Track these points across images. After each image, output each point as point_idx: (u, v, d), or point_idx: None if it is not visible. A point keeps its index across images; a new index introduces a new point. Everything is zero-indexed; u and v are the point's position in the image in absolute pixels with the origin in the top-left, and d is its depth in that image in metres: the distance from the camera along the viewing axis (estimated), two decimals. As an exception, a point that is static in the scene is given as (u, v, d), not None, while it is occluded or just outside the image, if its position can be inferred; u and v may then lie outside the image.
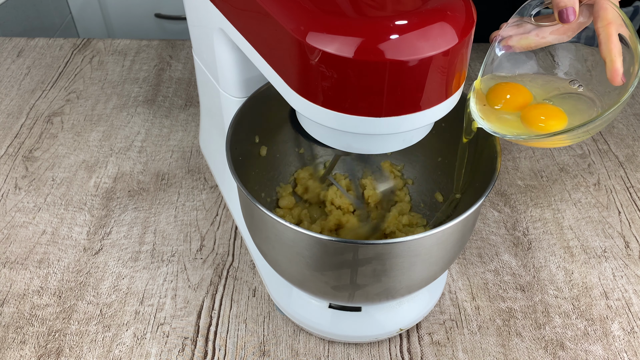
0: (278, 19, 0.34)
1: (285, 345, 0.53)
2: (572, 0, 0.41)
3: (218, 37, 0.49)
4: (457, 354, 0.53)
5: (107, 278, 0.59)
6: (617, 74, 0.39)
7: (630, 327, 0.55)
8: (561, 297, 0.58)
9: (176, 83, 0.89)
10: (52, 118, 0.82)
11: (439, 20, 0.32)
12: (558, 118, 0.41)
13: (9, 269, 0.60)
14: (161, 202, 0.68)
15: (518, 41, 0.44)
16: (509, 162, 0.74)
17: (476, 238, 0.64)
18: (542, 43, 0.43)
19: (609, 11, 0.40)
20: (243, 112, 0.49)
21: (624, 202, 0.68)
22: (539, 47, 0.44)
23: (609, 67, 0.40)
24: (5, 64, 0.94)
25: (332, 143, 0.39)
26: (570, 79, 0.44)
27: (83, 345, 0.53)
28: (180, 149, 0.76)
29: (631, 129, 0.80)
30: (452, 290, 0.58)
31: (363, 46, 0.31)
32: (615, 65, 0.39)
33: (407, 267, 0.41)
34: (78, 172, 0.72)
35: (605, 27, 0.40)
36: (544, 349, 0.53)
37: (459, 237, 0.44)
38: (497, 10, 0.94)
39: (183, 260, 0.61)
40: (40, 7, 1.36)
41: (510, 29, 0.44)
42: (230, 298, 0.57)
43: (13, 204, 0.68)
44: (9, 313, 0.56)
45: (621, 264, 0.61)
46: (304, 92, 0.35)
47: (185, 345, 0.53)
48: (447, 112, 0.36)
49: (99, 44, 0.99)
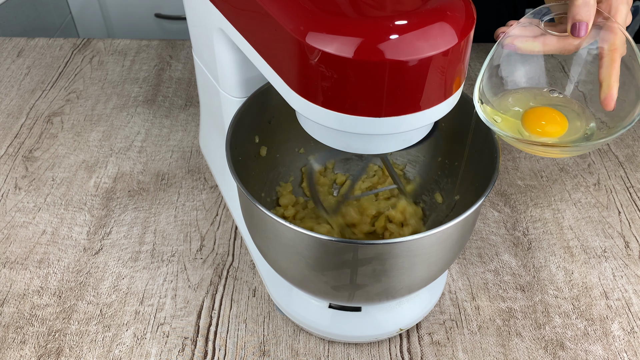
0: (278, 19, 0.34)
1: (285, 345, 0.53)
2: (588, 16, 0.41)
3: (218, 37, 0.49)
4: (457, 354, 0.53)
5: (107, 278, 0.59)
6: (611, 100, 0.40)
7: (630, 327, 0.55)
8: (561, 297, 0.58)
9: (176, 83, 0.89)
10: (52, 118, 0.82)
11: (439, 20, 0.32)
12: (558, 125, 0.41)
13: (9, 269, 0.60)
14: (161, 202, 0.68)
15: (523, 43, 0.43)
16: (509, 162, 0.74)
17: (476, 238, 0.64)
18: (545, 51, 0.44)
19: (617, 36, 0.40)
20: (243, 112, 0.49)
21: (624, 202, 0.68)
22: (541, 54, 0.44)
23: (605, 91, 0.40)
24: (5, 64, 0.94)
25: (332, 143, 0.39)
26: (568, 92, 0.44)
27: (83, 345, 0.53)
28: (180, 149, 0.76)
29: (631, 129, 0.80)
30: (452, 290, 0.58)
31: (363, 46, 0.31)
32: (612, 91, 0.40)
33: (407, 267, 0.41)
34: (78, 172, 0.72)
35: (610, 52, 0.40)
36: (544, 349, 0.53)
37: (459, 237, 0.44)
38: (497, 10, 0.94)
39: (183, 260, 0.61)
40: (40, 7, 1.36)
41: (519, 29, 0.44)
42: (230, 298, 0.57)
43: (13, 204, 0.68)
44: (9, 313, 0.56)
45: (621, 264, 0.61)
46: (303, 92, 0.35)
47: (185, 345, 0.53)
48: (447, 112, 0.36)
49: (99, 44, 0.99)
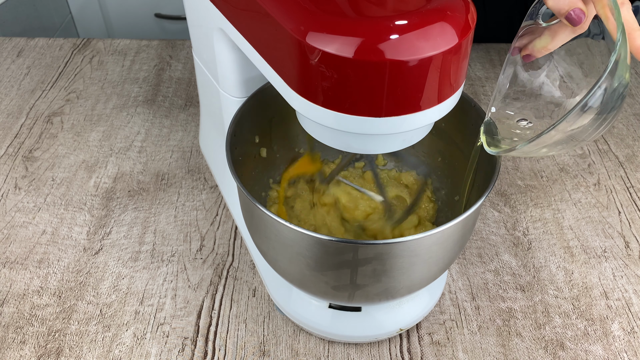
0: (278, 19, 0.34)
1: (285, 345, 0.53)
2: (572, 2, 0.39)
3: (218, 37, 0.49)
4: (457, 354, 0.53)
5: (107, 278, 0.59)
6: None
7: (630, 327, 0.55)
8: (561, 297, 0.58)
9: (176, 83, 0.89)
10: (52, 118, 0.82)
11: (439, 20, 0.32)
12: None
13: (9, 269, 0.60)
14: (161, 202, 0.68)
15: (534, 44, 0.42)
16: (509, 162, 0.74)
17: (476, 238, 0.64)
18: (559, 42, 0.41)
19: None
20: (243, 112, 0.49)
21: (624, 202, 0.68)
22: (557, 47, 0.42)
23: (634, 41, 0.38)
24: (5, 64, 0.94)
25: (332, 143, 0.39)
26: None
27: (83, 345, 0.53)
28: (180, 149, 0.76)
29: (631, 129, 0.80)
30: (452, 290, 0.58)
31: (363, 46, 0.31)
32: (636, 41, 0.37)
33: (407, 267, 0.41)
34: (78, 172, 0.72)
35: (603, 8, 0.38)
36: (544, 349, 0.53)
37: (459, 237, 0.44)
38: (497, 10, 0.94)
39: (183, 260, 0.61)
40: (40, 7, 1.36)
41: (524, 38, 0.42)
42: (230, 298, 0.57)
43: (13, 204, 0.68)
44: (9, 313, 0.56)
45: (621, 264, 0.61)
46: (303, 92, 0.35)
47: (185, 345, 0.53)
48: (447, 112, 0.36)
49: (99, 44, 0.99)
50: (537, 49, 0.42)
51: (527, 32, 0.43)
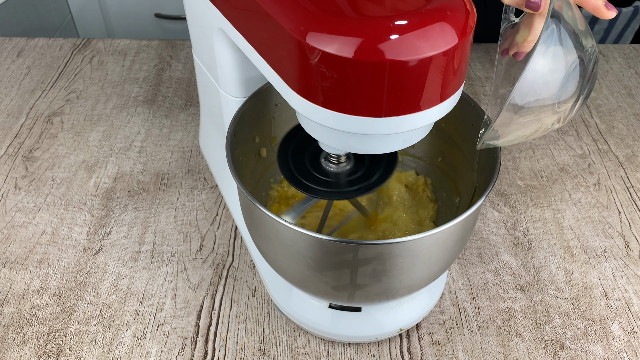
0: (278, 19, 0.34)
1: (285, 345, 0.53)
2: None
3: (218, 37, 0.49)
4: (457, 354, 0.53)
5: (107, 278, 0.59)
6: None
7: (630, 327, 0.55)
8: (561, 297, 0.58)
9: (176, 83, 0.89)
10: (52, 118, 0.82)
11: (439, 20, 0.32)
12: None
13: (9, 269, 0.60)
14: (161, 202, 0.68)
15: (516, 40, 0.43)
16: (509, 162, 0.74)
17: (476, 238, 0.64)
18: (536, 31, 0.43)
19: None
20: (243, 112, 0.49)
21: (624, 202, 0.68)
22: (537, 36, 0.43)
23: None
24: (5, 64, 0.94)
25: (332, 143, 0.39)
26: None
27: (83, 345, 0.53)
28: (180, 149, 0.76)
29: (631, 129, 0.80)
30: (452, 290, 0.58)
31: (363, 46, 0.31)
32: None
33: (407, 267, 0.41)
34: (78, 172, 0.72)
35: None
36: (544, 349, 0.53)
37: (459, 237, 0.44)
38: (499, 10, 0.94)
39: (183, 260, 0.61)
40: (40, 7, 1.36)
41: (507, 39, 0.44)
42: (230, 298, 0.57)
43: (13, 204, 0.68)
44: (9, 313, 0.56)
45: (621, 264, 0.61)
46: (303, 92, 0.35)
47: (185, 345, 0.53)
48: (447, 112, 0.36)
49: (99, 44, 0.99)
50: (521, 44, 0.44)
51: (508, 34, 0.44)
